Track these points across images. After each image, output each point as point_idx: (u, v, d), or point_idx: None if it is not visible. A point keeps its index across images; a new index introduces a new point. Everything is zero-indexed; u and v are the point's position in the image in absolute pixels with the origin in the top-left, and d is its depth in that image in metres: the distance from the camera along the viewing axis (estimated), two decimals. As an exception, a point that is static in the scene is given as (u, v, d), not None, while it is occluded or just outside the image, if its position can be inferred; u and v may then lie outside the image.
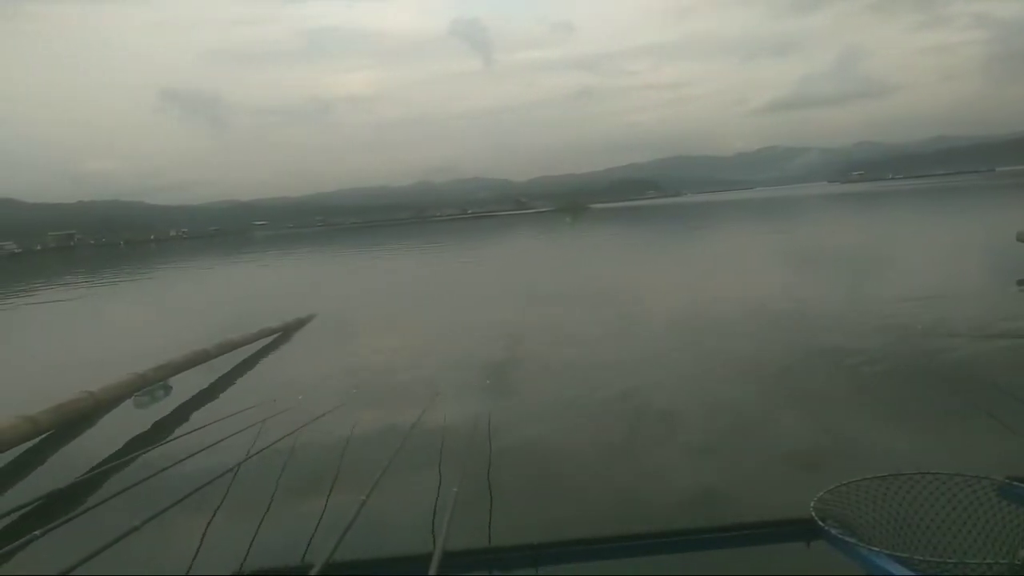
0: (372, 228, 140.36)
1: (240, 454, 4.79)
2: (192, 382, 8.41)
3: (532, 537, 2.73)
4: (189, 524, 4.08)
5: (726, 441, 5.31)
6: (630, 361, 8.13)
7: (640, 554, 2.74)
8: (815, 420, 5.65)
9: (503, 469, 4.78)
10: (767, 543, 2.68)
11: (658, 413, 6.08)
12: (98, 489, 4.75)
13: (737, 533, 2.67)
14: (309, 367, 9.62)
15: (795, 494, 2.76)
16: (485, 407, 6.21)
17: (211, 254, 65.32)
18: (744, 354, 8.00)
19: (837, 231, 30.16)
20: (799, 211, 53.40)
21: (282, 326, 11.87)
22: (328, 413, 6.09)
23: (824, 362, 7.37)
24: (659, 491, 4.50)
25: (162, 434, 6.51)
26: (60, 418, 6.44)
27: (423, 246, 46.76)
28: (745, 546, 2.69)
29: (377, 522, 3.71)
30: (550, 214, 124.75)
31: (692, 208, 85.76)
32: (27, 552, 3.12)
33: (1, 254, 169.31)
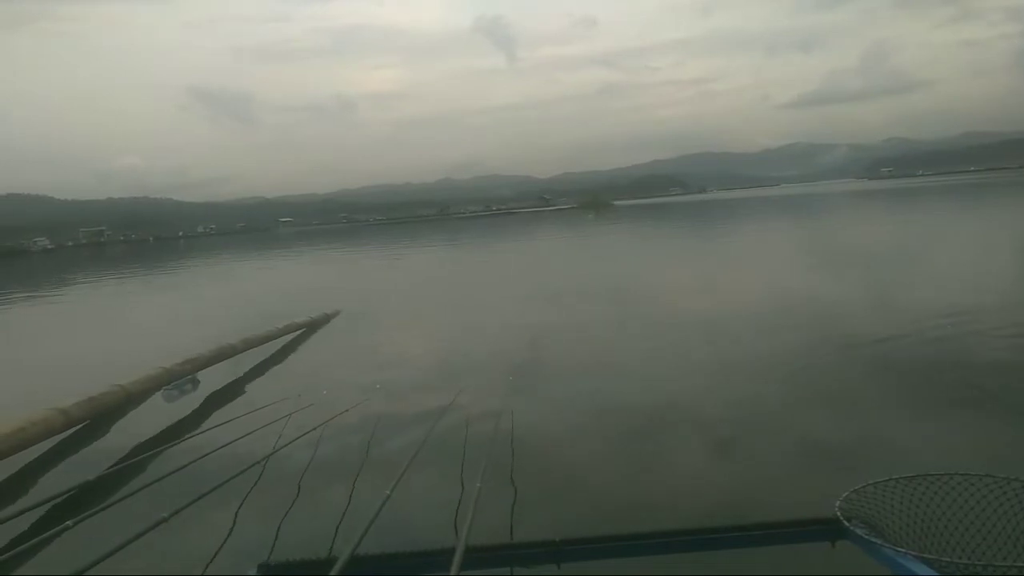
0: (396, 225, 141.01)
1: (267, 447, 4.85)
2: (219, 376, 8.53)
3: (554, 534, 2.73)
4: (217, 515, 4.15)
5: (752, 440, 5.27)
6: (654, 359, 8.10)
7: (663, 552, 2.73)
8: (844, 419, 5.59)
9: (526, 465, 4.79)
10: (791, 542, 2.65)
11: (683, 411, 6.05)
12: (128, 480, 4.83)
13: (761, 532, 2.65)
14: (334, 362, 9.71)
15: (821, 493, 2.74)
16: (508, 404, 6.22)
17: (238, 250, 66.07)
18: (773, 353, 7.91)
19: (872, 229, 29.70)
20: (828, 208, 52.69)
21: (307, 322, 11.98)
22: (352, 408, 6.14)
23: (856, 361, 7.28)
24: (683, 489, 4.48)
25: (190, 427, 6.61)
26: (92, 411, 6.56)
27: (446, 243, 46.88)
28: (769, 545, 2.67)
29: (401, 516, 3.74)
30: (573, 211, 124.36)
31: (717, 205, 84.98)
32: (60, 541, 3.18)
33: (35, 249, 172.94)
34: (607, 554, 2.74)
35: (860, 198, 67.46)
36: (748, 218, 47.32)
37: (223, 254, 59.93)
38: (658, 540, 2.71)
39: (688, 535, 2.71)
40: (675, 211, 77.09)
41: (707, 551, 2.71)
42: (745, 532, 2.66)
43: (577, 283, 17.30)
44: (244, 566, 2.69)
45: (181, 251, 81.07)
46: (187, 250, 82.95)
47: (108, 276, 40.25)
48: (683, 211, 74.78)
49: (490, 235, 53.94)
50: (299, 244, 68.92)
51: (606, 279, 17.73)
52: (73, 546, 3.35)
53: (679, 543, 2.70)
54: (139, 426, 6.73)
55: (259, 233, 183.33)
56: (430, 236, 61.09)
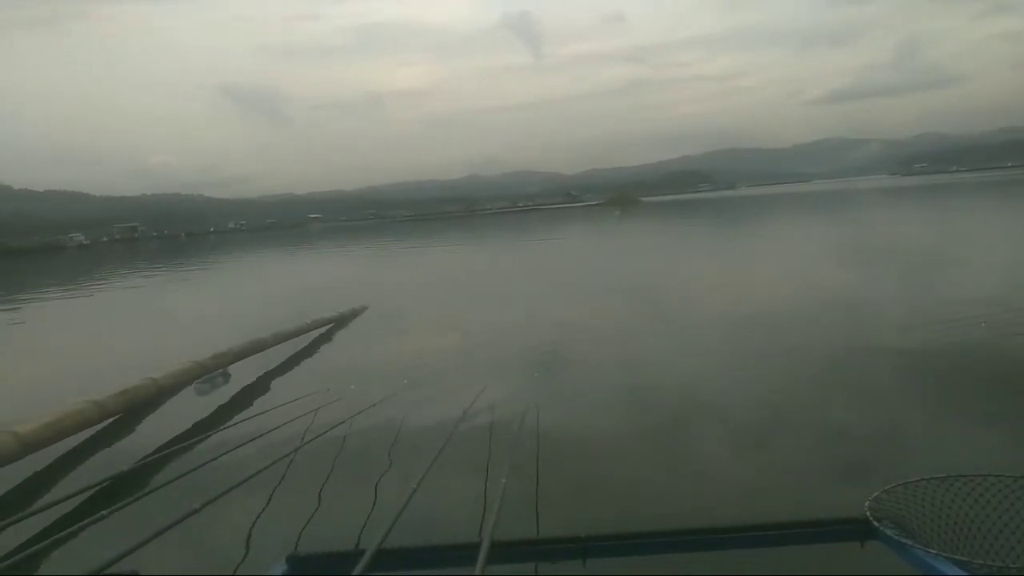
0: (423, 221, 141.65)
1: (295, 441, 4.92)
2: (250, 370, 8.65)
3: (580, 530, 2.73)
4: (246, 507, 4.21)
5: (780, 438, 5.22)
6: (681, 356, 8.05)
7: (689, 550, 2.71)
8: (874, 418, 5.51)
9: (551, 461, 4.79)
10: (820, 542, 2.62)
11: (710, 408, 6.02)
12: (161, 472, 4.93)
13: (789, 531, 2.62)
14: (361, 357, 9.79)
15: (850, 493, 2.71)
16: (534, 399, 6.23)
17: (267, 246, 66.87)
18: (802, 349, 7.82)
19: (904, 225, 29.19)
20: (860, 205, 51.84)
21: (336, 317, 12.09)
22: (380, 402, 6.19)
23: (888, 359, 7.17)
24: (710, 487, 4.45)
25: (221, 420, 6.72)
26: (125, 403, 6.69)
27: (472, 239, 46.98)
28: (796, 544, 2.64)
29: (427, 510, 3.76)
30: (599, 207, 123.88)
31: (747, 202, 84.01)
32: (95, 530, 3.26)
33: (70, 245, 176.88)
34: (633, 551, 2.74)
35: (892, 194, 66.31)
36: (778, 215, 46.78)
37: (253, 250, 60.69)
38: (684, 538, 2.70)
39: (714, 533, 2.69)
40: (703, 208, 76.41)
41: (734, 549, 2.69)
42: (772, 531, 2.63)
43: (603, 280, 17.24)
44: (273, 557, 2.73)
45: (212, 247, 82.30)
46: (218, 246, 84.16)
47: (140, 271, 40.99)
48: (711, 208, 74.08)
49: (516, 231, 53.96)
50: (328, 240, 69.55)
51: (632, 276, 17.66)
52: (108, 535, 3.42)
53: (705, 541, 2.69)
54: (171, 419, 6.85)
55: (289, 229, 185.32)
56: (456, 232, 61.28)
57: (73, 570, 2.57)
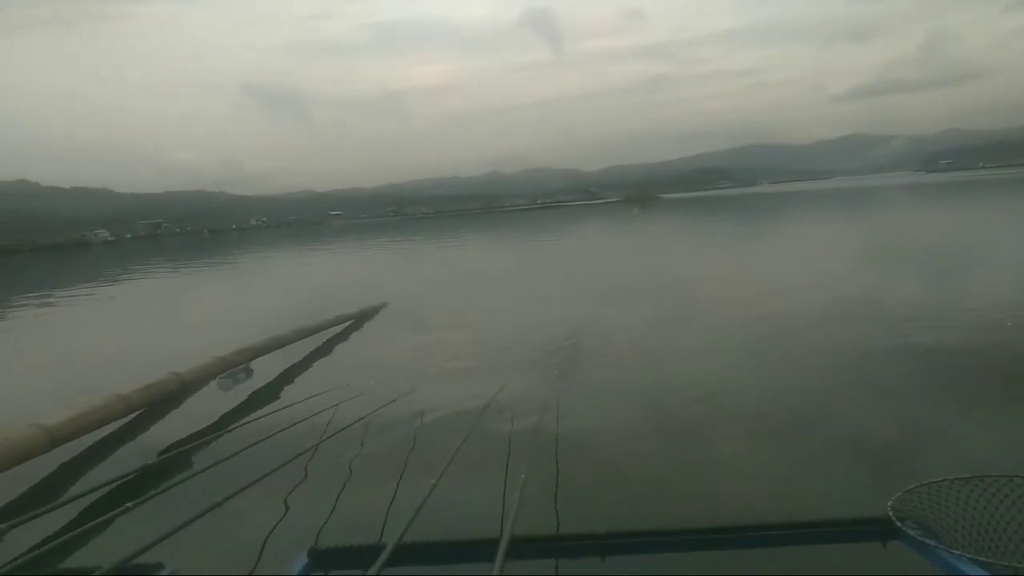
0: (442, 218, 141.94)
1: (316, 436, 4.97)
2: (271, 366, 8.72)
3: (599, 527, 2.73)
4: (269, 501, 4.25)
5: (801, 437, 5.18)
6: (701, 354, 8.00)
7: (709, 548, 2.70)
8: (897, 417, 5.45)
9: (571, 458, 4.79)
10: (841, 542, 2.60)
11: (730, 406, 5.97)
12: (184, 465, 5.00)
13: (810, 530, 2.60)
14: (381, 353, 9.85)
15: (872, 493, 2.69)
16: (553, 396, 6.23)
17: (289, 243, 67.38)
18: (824, 348, 7.75)
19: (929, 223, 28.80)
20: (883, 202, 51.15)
21: (356, 313, 12.17)
22: (400, 398, 6.24)
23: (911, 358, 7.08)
24: (730, 485, 4.42)
25: (243, 415, 6.78)
26: (150, 397, 6.78)
27: (492, 236, 47.02)
28: (818, 544, 2.62)
29: (447, 505, 3.78)
30: (619, 204, 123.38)
31: (768, 199, 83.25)
32: (121, 521, 3.31)
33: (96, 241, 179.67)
34: (652, 549, 2.73)
35: (917, 192, 65.36)
36: (801, 212, 46.33)
37: (275, 247, 61.19)
38: (705, 536, 2.69)
39: (735, 532, 2.67)
40: (724, 205, 75.82)
41: (754, 548, 2.67)
42: (794, 530, 2.62)
43: (622, 277, 17.19)
44: (295, 551, 2.75)
45: (234, 244, 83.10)
46: (240, 243, 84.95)
47: (164, 267, 41.50)
48: (732, 205, 73.48)
49: (535, 228, 53.91)
50: (348, 237, 69.95)
51: (652, 274, 17.58)
52: (133, 527, 3.48)
53: (726, 539, 2.68)
54: (194, 413, 6.93)
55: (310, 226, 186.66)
56: (476, 229, 61.35)
57: (99, 561, 2.61)
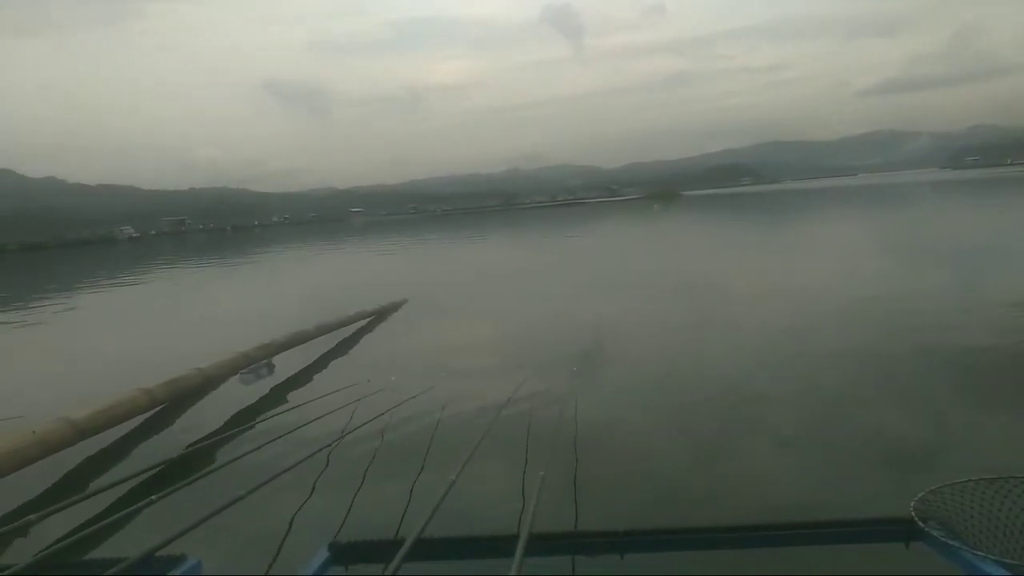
0: (462, 215, 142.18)
1: (337, 431, 5.02)
2: (293, 361, 8.80)
3: (618, 525, 2.73)
4: (290, 494, 4.29)
5: (823, 436, 5.13)
6: (722, 352, 7.95)
7: (729, 547, 2.69)
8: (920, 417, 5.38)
9: (589, 456, 4.78)
10: (863, 542, 2.58)
11: (751, 404, 5.92)
12: (207, 459, 5.06)
13: (832, 530, 2.58)
14: (401, 350, 9.89)
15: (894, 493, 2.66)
16: (572, 393, 6.22)
17: (310, 239, 67.87)
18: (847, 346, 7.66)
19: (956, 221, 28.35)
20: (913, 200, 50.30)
21: (376, 310, 12.23)
22: (419, 394, 6.27)
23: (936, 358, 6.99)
24: (750, 484, 4.38)
25: (265, 410, 6.85)
26: (173, 392, 6.87)
27: (511, 233, 47.00)
28: (840, 544, 2.61)
29: (466, 501, 3.80)
30: (640, 201, 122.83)
31: (791, 196, 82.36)
32: (145, 513, 3.37)
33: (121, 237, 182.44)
34: (671, 547, 2.73)
35: (944, 188, 64.31)
36: (826, 210, 45.80)
37: (297, 243, 61.67)
38: (724, 535, 2.68)
39: (755, 531, 2.66)
40: (746, 202, 75.15)
41: (775, 547, 2.66)
42: (815, 529, 2.60)
43: (642, 274, 17.12)
44: (315, 544, 2.78)
45: (257, 240, 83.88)
46: (262, 239, 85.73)
47: (188, 264, 41.99)
48: (754, 203, 72.82)
49: (555, 226, 53.83)
50: (369, 234, 70.29)
51: (672, 271, 17.49)
52: (157, 519, 3.54)
53: (746, 538, 2.67)
54: (217, 408, 7.00)
55: (331, 223, 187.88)
56: (495, 226, 61.38)
57: (125, 551, 2.66)
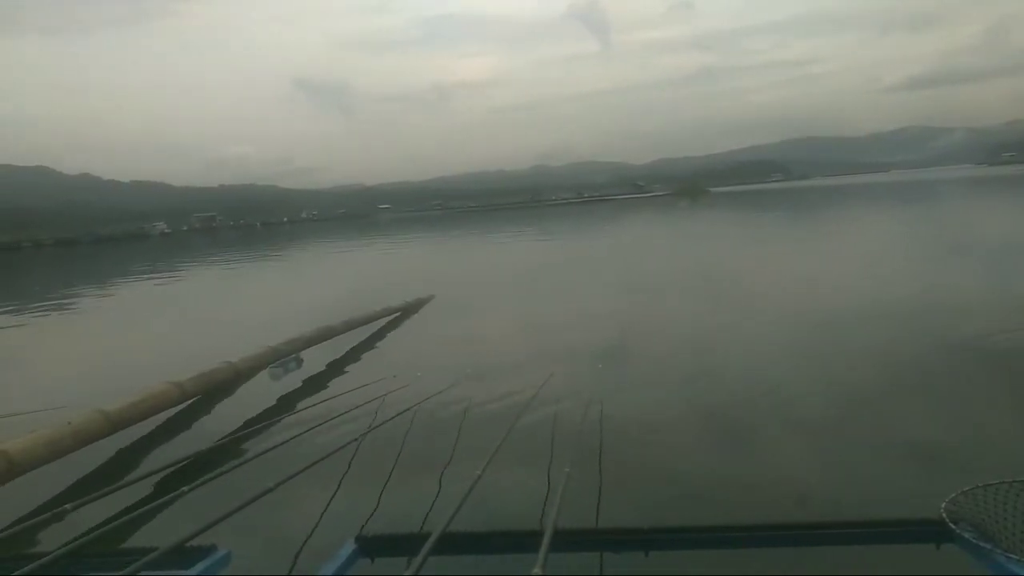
0: (488, 212, 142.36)
1: (364, 425, 5.07)
2: (320, 356, 8.88)
3: (643, 522, 2.72)
4: (318, 488, 4.34)
5: (851, 435, 5.06)
6: (749, 350, 7.89)
7: (755, 546, 2.67)
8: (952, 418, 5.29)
9: (614, 453, 4.77)
10: (892, 543, 2.55)
11: (778, 403, 5.86)
12: (237, 452, 5.14)
13: (860, 530, 2.55)
14: (427, 346, 9.95)
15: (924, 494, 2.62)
16: (597, 391, 6.21)
17: (338, 235, 68.43)
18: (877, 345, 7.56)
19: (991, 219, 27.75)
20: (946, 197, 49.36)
21: (402, 306, 12.30)
22: (445, 390, 6.30)
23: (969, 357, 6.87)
24: (777, 484, 4.34)
25: (293, 404, 6.93)
26: (204, 385, 6.97)
27: (537, 230, 46.95)
28: (868, 544, 2.57)
29: (491, 497, 3.81)
30: (667, 198, 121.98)
31: (821, 192, 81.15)
32: (178, 505, 3.43)
33: (154, 233, 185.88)
34: (697, 545, 2.71)
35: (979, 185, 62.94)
36: (854, 206, 45.07)
37: (325, 239, 62.23)
38: (751, 533, 2.66)
39: (783, 530, 2.64)
40: (775, 199, 74.22)
41: (802, 547, 2.63)
42: (843, 529, 2.57)
43: (669, 272, 17.02)
44: (343, 537, 2.81)
45: (286, 236, 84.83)
46: (291, 235, 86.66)
47: (218, 259, 42.56)
48: (783, 199, 71.89)
49: (581, 222, 53.67)
50: (396, 230, 70.69)
51: (699, 268, 17.35)
52: (188, 510, 3.60)
53: (772, 537, 2.64)
54: (247, 401, 7.10)
55: (358, 219, 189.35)
56: (521, 223, 61.37)
57: (157, 541, 2.71)
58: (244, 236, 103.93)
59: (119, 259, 56.14)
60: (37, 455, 4.75)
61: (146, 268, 38.74)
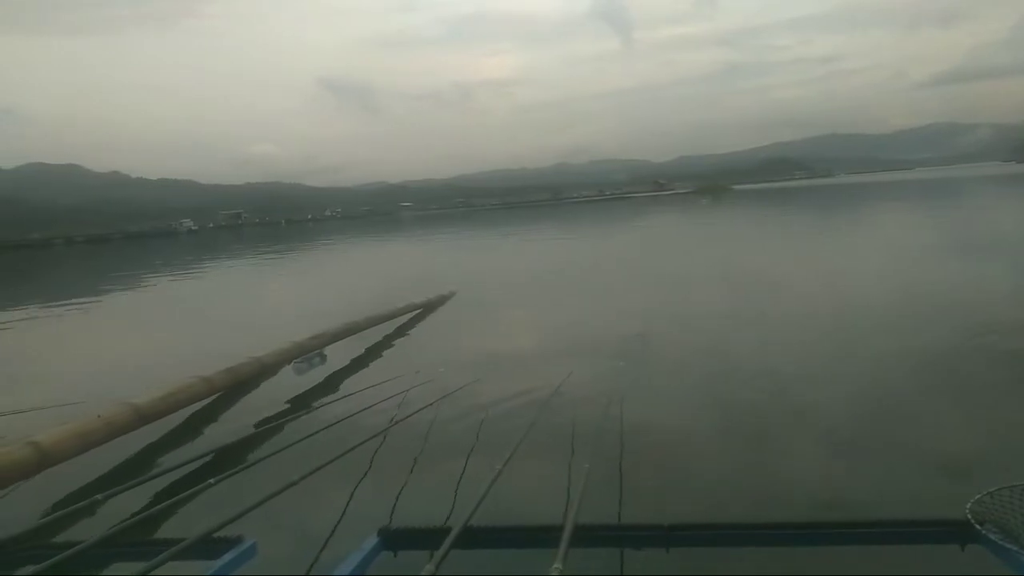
0: (509, 209, 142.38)
1: (387, 420, 5.13)
2: (344, 352, 8.96)
3: (663, 519, 2.73)
4: (341, 481, 4.39)
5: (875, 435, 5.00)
6: (773, 349, 7.82)
7: (777, 544, 2.67)
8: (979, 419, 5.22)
9: (634, 450, 4.76)
10: (915, 543, 2.53)
11: (802, 403, 5.81)
12: (262, 446, 5.22)
13: (883, 530, 2.54)
14: (449, 342, 9.99)
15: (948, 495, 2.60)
16: (617, 388, 6.20)
17: (362, 233, 68.87)
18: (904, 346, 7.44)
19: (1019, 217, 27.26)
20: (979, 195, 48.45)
21: (425, 302, 12.36)
22: (467, 386, 6.34)
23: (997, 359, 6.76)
24: (799, 483, 4.30)
25: (317, 398, 7.00)
26: (230, 380, 7.07)
27: (558, 227, 46.87)
28: (891, 544, 2.56)
29: (512, 491, 3.83)
30: (689, 196, 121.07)
31: (846, 190, 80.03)
32: (204, 496, 3.50)
33: (181, 230, 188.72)
34: (718, 542, 2.71)
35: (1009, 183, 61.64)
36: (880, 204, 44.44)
37: (348, 236, 62.66)
38: (772, 531, 2.65)
39: (804, 528, 2.63)
40: (798, 196, 73.35)
41: (823, 546, 2.62)
42: (866, 529, 2.56)
43: (691, 270, 16.90)
44: (366, 530, 2.85)
45: (310, 233, 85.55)
46: (316, 232, 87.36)
47: (245, 255, 43.02)
48: (807, 196, 71.01)
49: (602, 219, 53.48)
50: (418, 228, 70.97)
51: (722, 267, 17.22)
52: (215, 502, 3.67)
53: (794, 536, 2.63)
54: (272, 396, 7.18)
55: (382, 217, 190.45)
56: (542, 220, 61.31)
57: (185, 532, 2.77)
58: (269, 233, 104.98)
59: (148, 255, 56.95)
60: (68, 447, 4.86)
61: (174, 264, 39.25)
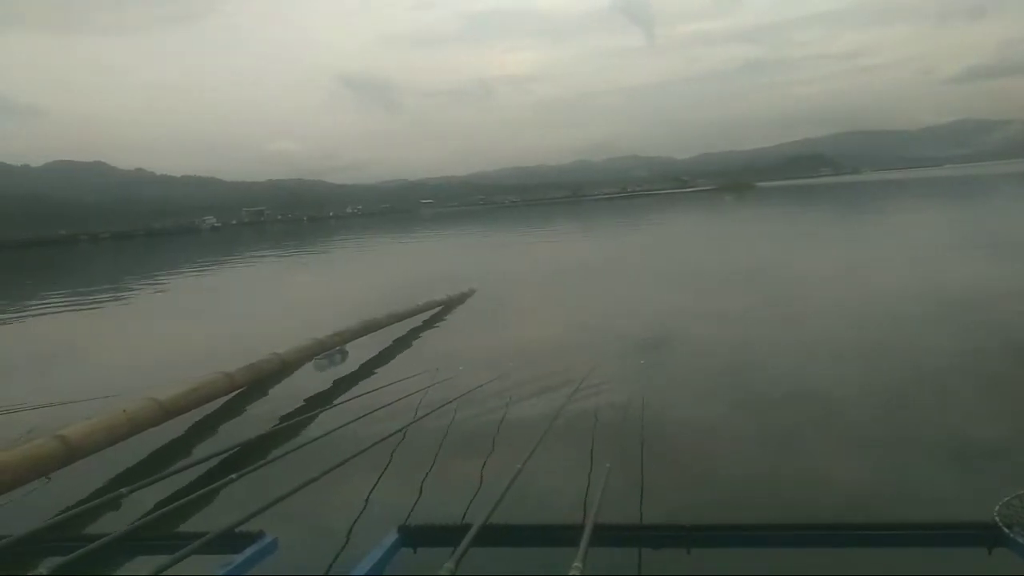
0: (529, 206, 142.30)
1: (407, 417, 5.14)
2: (365, 349, 9.00)
3: (684, 519, 2.71)
4: (361, 477, 4.41)
5: (900, 436, 4.93)
6: (796, 348, 7.75)
7: (798, 545, 2.64)
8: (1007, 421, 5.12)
9: (655, 450, 4.73)
10: (942, 545, 2.49)
11: (826, 403, 5.74)
12: (283, 442, 5.25)
13: (909, 532, 2.50)
14: (469, 339, 10.00)
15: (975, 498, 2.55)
16: (639, 387, 6.18)
17: (382, 230, 69.21)
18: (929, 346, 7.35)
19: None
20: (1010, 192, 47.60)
21: (445, 300, 12.39)
22: (487, 383, 6.35)
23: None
24: (822, 484, 4.25)
25: (338, 395, 7.04)
26: (252, 376, 7.13)
27: (578, 225, 46.77)
28: (917, 546, 2.52)
29: (532, 489, 3.83)
30: (712, 193, 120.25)
31: (872, 187, 78.93)
32: (226, 492, 3.53)
33: (204, 227, 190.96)
34: (739, 543, 2.69)
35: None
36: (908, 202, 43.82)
37: (369, 233, 63.00)
38: (794, 533, 2.62)
39: (827, 530, 2.60)
40: (824, 194, 72.45)
41: (847, 548, 2.59)
42: (892, 531, 2.52)
43: (713, 268, 16.77)
44: (386, 527, 2.86)
45: (332, 230, 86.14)
46: (337, 229, 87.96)
47: (268, 252, 43.41)
48: (833, 194, 70.12)
49: (623, 217, 53.24)
50: (438, 225, 71.18)
51: (745, 264, 17.07)
52: (236, 497, 3.70)
53: (818, 537, 2.60)
54: (293, 392, 7.23)
55: (402, 214, 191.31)
56: (562, 218, 61.20)
57: (207, 526, 2.80)
58: (291, 230, 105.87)
59: (171, 252, 57.67)
60: (94, 441, 4.92)
61: (197, 260, 39.69)
